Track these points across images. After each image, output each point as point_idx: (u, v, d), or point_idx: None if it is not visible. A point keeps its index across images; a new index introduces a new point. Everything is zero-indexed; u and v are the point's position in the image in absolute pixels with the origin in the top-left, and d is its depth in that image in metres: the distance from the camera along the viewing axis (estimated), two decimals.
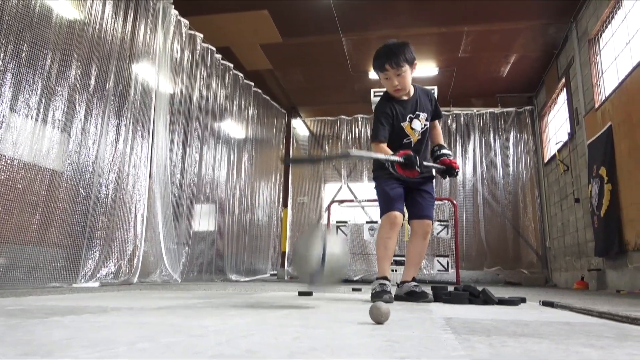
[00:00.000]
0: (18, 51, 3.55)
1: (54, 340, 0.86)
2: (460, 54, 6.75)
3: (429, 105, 2.51)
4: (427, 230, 2.50)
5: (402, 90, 2.38)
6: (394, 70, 2.31)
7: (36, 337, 0.91)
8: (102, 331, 1.01)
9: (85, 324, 1.14)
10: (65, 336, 0.92)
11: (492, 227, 7.47)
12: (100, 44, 4.31)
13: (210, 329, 1.06)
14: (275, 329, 1.08)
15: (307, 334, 1.00)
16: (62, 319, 1.27)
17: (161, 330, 1.04)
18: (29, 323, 1.15)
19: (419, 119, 2.44)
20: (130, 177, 4.58)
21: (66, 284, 3.70)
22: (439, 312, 1.65)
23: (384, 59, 2.33)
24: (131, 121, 4.63)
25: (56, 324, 1.15)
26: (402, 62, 2.31)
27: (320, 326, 1.17)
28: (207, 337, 0.92)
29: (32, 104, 3.63)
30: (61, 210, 3.94)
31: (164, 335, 0.94)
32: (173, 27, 5.31)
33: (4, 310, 1.49)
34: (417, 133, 2.44)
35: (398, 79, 2.33)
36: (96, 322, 1.18)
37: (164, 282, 4.65)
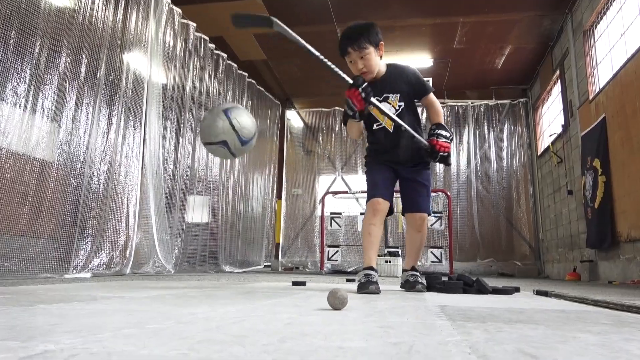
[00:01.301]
0: (6, 38, 3.47)
1: (37, 326, 0.83)
2: (455, 45, 6.72)
3: (403, 85, 2.33)
4: (420, 223, 2.40)
5: (369, 74, 2.25)
6: (357, 53, 2.20)
7: (19, 323, 0.88)
8: (89, 318, 0.98)
9: (71, 311, 1.11)
10: (49, 322, 0.89)
11: (485, 218, 7.49)
12: (90, 31, 4.23)
13: (199, 316, 1.03)
14: (267, 316, 1.06)
15: (298, 321, 0.97)
16: (49, 306, 1.24)
17: (149, 317, 1.01)
18: (14, 310, 1.12)
19: (389, 101, 2.30)
20: (122, 167, 4.53)
21: (57, 275, 3.66)
22: (433, 300, 1.64)
23: (346, 41, 2.23)
24: (123, 111, 4.56)
25: (42, 310, 1.12)
26: (364, 44, 2.18)
27: (312, 313, 1.14)
28: (196, 324, 0.90)
29: (21, 92, 3.57)
30: (52, 201, 3.89)
31: (152, 322, 0.92)
32: (165, 15, 5.23)
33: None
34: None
35: (362, 61, 2.21)
36: (83, 309, 1.16)
37: (157, 273, 4.62)
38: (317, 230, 7.50)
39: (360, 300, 1.58)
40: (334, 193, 6.56)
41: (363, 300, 1.58)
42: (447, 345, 0.67)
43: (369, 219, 2.28)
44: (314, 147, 8.47)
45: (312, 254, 7.53)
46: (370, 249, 2.26)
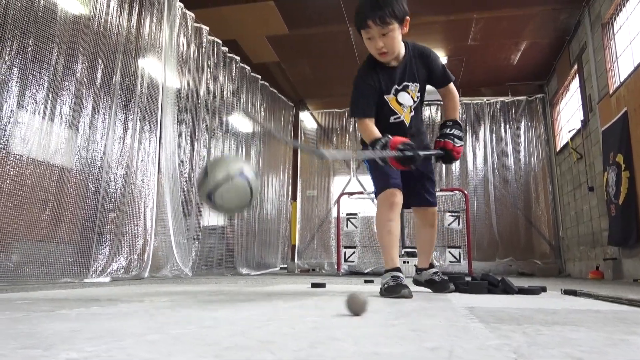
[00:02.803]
0: (24, 46, 3.51)
1: (57, 332, 0.81)
2: (469, 42, 6.63)
3: (424, 71, 2.02)
4: (432, 218, 2.19)
5: (389, 55, 1.91)
6: (378, 28, 1.83)
7: (39, 329, 0.86)
8: (109, 323, 0.96)
9: (92, 316, 1.09)
10: (69, 328, 0.87)
11: (503, 217, 7.37)
12: (106, 38, 4.26)
13: (222, 320, 1.01)
14: (291, 320, 1.03)
15: (325, 324, 0.94)
16: (69, 312, 1.22)
17: (171, 321, 0.99)
18: (34, 316, 1.11)
19: (408, 91, 1.98)
20: (138, 171, 4.55)
21: (77, 280, 3.69)
22: (458, 301, 1.59)
23: (367, 12, 1.84)
24: (138, 115, 4.59)
25: (62, 316, 1.10)
26: (388, 18, 1.81)
27: (336, 316, 1.11)
28: (219, 328, 0.87)
29: (40, 99, 3.60)
30: (71, 206, 3.93)
31: (174, 327, 0.89)
32: (179, 20, 5.26)
33: (11, 304, 1.46)
34: (407, 108, 2.00)
35: (383, 39, 1.85)
36: (103, 315, 1.14)
37: (174, 276, 4.63)
38: (333, 231, 7.46)
39: (384, 302, 1.55)
40: (350, 194, 6.51)
41: (387, 302, 1.54)
42: (489, 350, 0.63)
43: (386, 215, 1.96)
44: (328, 148, 8.43)
45: (328, 256, 7.49)
46: (392, 248, 1.97)
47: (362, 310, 1.11)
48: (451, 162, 2.01)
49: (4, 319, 1.03)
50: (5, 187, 3.39)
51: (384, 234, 1.98)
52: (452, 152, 1.96)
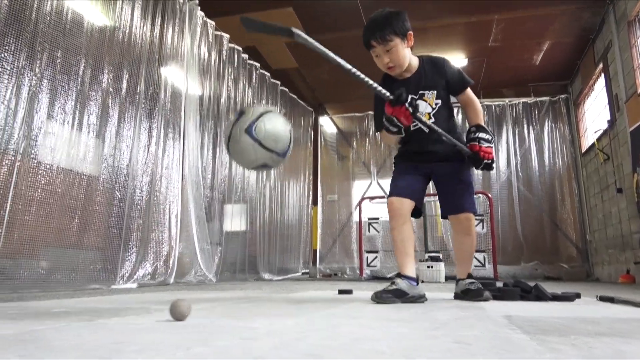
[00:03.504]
0: (53, 58, 3.61)
1: (103, 344, 0.83)
2: (490, 43, 6.55)
3: (440, 80, 2.08)
4: (466, 225, 2.10)
5: (397, 68, 2.03)
6: (382, 47, 1.98)
7: (85, 340, 0.88)
8: (151, 334, 0.97)
9: (131, 327, 1.11)
10: (114, 340, 0.88)
11: (528, 220, 7.23)
12: (130, 48, 4.35)
13: (260, 331, 1.01)
14: (329, 330, 1.02)
15: (364, 335, 0.93)
16: (107, 321, 1.24)
17: (211, 332, 0.99)
18: (76, 326, 1.13)
19: (425, 99, 2.06)
20: (163, 178, 4.62)
21: (105, 286, 3.75)
22: (492, 309, 1.56)
23: (369, 34, 2.00)
24: (162, 123, 4.66)
25: (102, 326, 1.12)
26: (388, 36, 1.95)
27: (373, 326, 1.10)
28: (260, 340, 0.87)
29: (68, 109, 3.69)
30: (99, 214, 4.00)
31: (216, 338, 0.90)
32: (200, 28, 5.33)
33: (50, 313, 1.49)
34: (425, 115, 2.05)
35: (389, 55, 1.99)
36: (142, 324, 1.15)
37: (199, 282, 4.67)
38: (354, 236, 7.44)
39: (418, 309, 1.53)
40: (371, 198, 6.49)
41: (420, 310, 1.53)
42: None
43: (391, 225, 2.06)
44: (348, 153, 8.43)
45: (350, 260, 7.47)
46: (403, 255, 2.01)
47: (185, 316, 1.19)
48: (480, 163, 1.98)
49: (49, 329, 1.05)
50: (36, 196, 3.49)
51: (395, 242, 2.07)
52: (478, 153, 1.97)
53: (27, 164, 3.43)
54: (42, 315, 1.40)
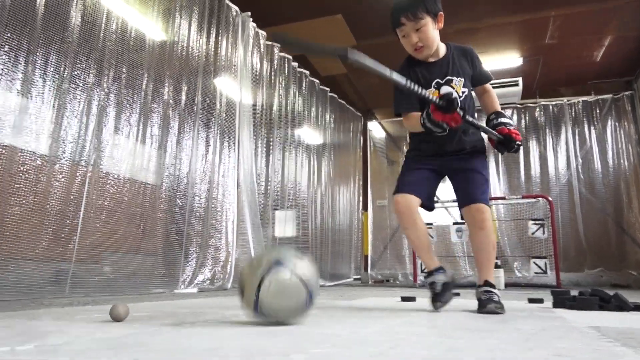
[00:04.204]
0: (119, 73, 3.81)
1: (206, 349, 0.86)
2: (546, 40, 6.31)
3: (468, 68, 2.01)
4: (480, 217, 1.90)
5: (426, 49, 1.93)
6: (412, 24, 1.88)
7: (184, 346, 0.92)
8: (244, 339, 1.00)
9: (220, 332, 1.14)
10: (211, 345, 0.92)
11: (591, 224, 6.86)
12: (188, 61, 4.52)
13: (347, 339, 1.02)
14: (415, 338, 1.02)
15: (455, 345, 0.92)
16: (193, 326, 1.29)
17: (301, 339, 1.01)
18: (165, 331, 1.18)
19: (452, 85, 1.95)
20: (220, 186, 4.76)
21: (168, 290, 3.90)
22: (574, 319, 1.50)
23: (400, 10, 1.90)
24: (218, 133, 4.81)
25: (192, 332, 1.17)
26: (420, 13, 1.87)
27: (454, 335, 1.09)
28: (352, 349, 0.88)
29: (133, 122, 3.89)
30: (161, 220, 4.18)
31: (310, 345, 0.91)
32: (252, 39, 5.46)
33: (132, 317, 1.56)
34: None
35: (418, 34, 1.89)
36: (229, 330, 1.19)
37: None
38: (406, 241, 7.33)
39: (493, 318, 1.49)
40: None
41: (495, 319, 1.49)
42: None
43: (403, 225, 1.99)
44: (397, 157, 8.34)
45: (402, 266, 7.37)
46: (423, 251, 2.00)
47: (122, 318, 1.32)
48: (512, 145, 1.86)
49: (142, 334, 1.10)
50: (105, 205, 3.69)
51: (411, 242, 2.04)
52: (510, 135, 1.85)
53: (97, 175, 3.64)
54: (129, 319, 1.47)
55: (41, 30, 3.22)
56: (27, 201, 3.12)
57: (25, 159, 3.13)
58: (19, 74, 3.07)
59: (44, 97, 3.25)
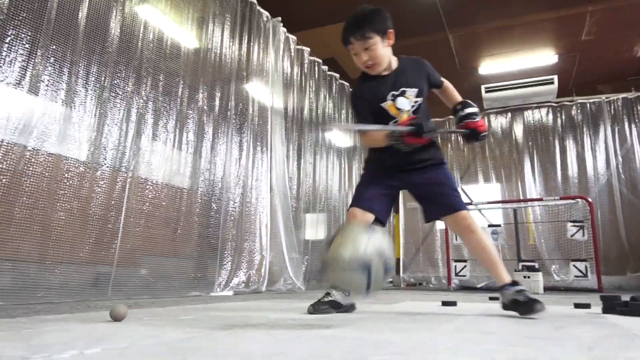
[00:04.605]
0: (156, 81, 3.91)
1: (269, 354, 0.87)
2: (583, 37, 6.13)
3: (420, 78, 2.10)
4: (466, 223, 1.98)
5: (376, 66, 2.01)
6: (361, 43, 1.95)
7: (247, 350, 0.93)
8: (303, 344, 1.01)
9: (273, 337, 1.15)
10: (273, 350, 0.93)
11: (633, 225, 6.60)
12: (221, 67, 4.60)
13: (401, 344, 1.01)
14: (475, 345, 1.00)
15: (519, 354, 0.90)
16: (244, 330, 1.31)
17: (356, 344, 1.01)
18: (221, 335, 1.20)
19: (406, 96, 2.03)
20: (253, 190, 4.81)
21: (204, 293, 3.96)
22: (630, 326, 1.44)
23: (349, 30, 1.97)
24: (251, 137, 4.87)
25: (247, 336, 1.18)
26: (368, 33, 1.93)
27: (515, 342, 1.06)
28: (413, 355, 0.88)
29: (170, 128, 3.98)
30: (197, 224, 4.26)
31: (367, 351, 0.91)
32: (282, 44, 5.51)
33: (181, 320, 1.59)
34: (406, 113, 2.01)
35: (367, 53, 1.96)
36: (281, 334, 1.20)
37: (288, 290, 4.79)
38: (439, 244, 7.24)
39: (545, 324, 1.45)
40: None
41: (547, 325, 1.44)
42: None
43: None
44: None
45: (435, 270, 7.27)
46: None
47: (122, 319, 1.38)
48: (479, 137, 2.02)
49: (198, 337, 1.12)
50: (144, 209, 3.78)
51: None
52: (476, 128, 1.99)
53: (136, 180, 3.74)
54: (179, 322, 1.51)
55: (83, 42, 3.33)
56: (71, 206, 3.24)
57: (70, 166, 3.24)
58: (63, 84, 3.18)
59: (86, 106, 3.36)
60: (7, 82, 2.86)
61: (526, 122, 7.24)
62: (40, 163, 3.02)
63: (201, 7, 4.50)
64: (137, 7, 3.79)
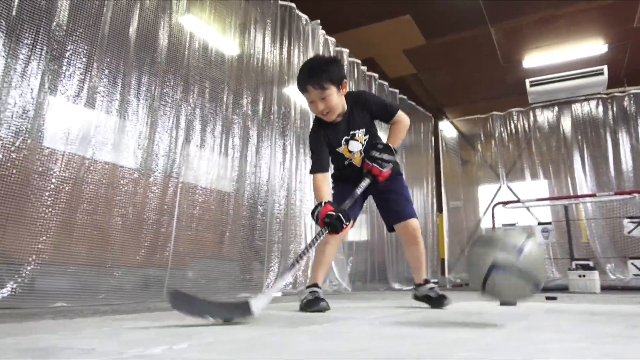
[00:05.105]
0: (202, 88, 4.02)
1: (351, 350, 0.88)
2: (635, 24, 5.85)
3: (367, 117, 2.22)
4: (413, 233, 2.26)
5: (331, 114, 2.10)
6: (317, 92, 2.03)
7: (321, 347, 0.94)
8: (379, 342, 1.01)
9: (345, 334, 1.16)
10: (351, 347, 0.94)
11: None
12: (263, 72, 4.68)
13: (479, 342, 1.00)
14: (560, 344, 0.98)
15: (612, 351, 0.88)
16: (309, 327, 1.32)
17: (433, 342, 1.01)
18: (290, 332, 1.22)
19: (356, 138, 2.20)
20: (297, 192, 4.86)
21: (253, 294, 4.02)
22: None
23: (306, 78, 2.05)
24: (294, 140, 4.92)
25: (317, 333, 1.19)
26: (326, 83, 2.01)
27: (600, 341, 1.03)
28: (496, 352, 0.87)
29: (217, 133, 4.08)
30: (244, 227, 4.34)
31: (448, 349, 0.91)
32: (322, 46, 5.54)
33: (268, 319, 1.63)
34: (357, 153, 2.22)
35: (324, 102, 2.04)
36: (349, 332, 1.21)
37: (334, 291, 4.81)
38: None
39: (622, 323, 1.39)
40: (504, 203, 6.13)
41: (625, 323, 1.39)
42: None
43: (327, 240, 2.19)
44: (470, 157, 8.09)
45: None
46: (320, 267, 2.31)
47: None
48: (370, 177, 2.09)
49: (268, 335, 1.15)
50: (195, 213, 3.89)
51: (317, 253, 2.30)
52: (376, 178, 2.07)
53: (186, 185, 3.86)
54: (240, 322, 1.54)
55: (134, 54, 3.47)
56: (127, 212, 3.37)
57: (125, 173, 3.38)
58: (116, 95, 3.33)
59: (138, 115, 3.50)
60: (67, 95, 3.01)
61: (574, 115, 6.97)
62: (97, 171, 3.16)
63: (242, 14, 4.60)
64: (183, 17, 3.92)
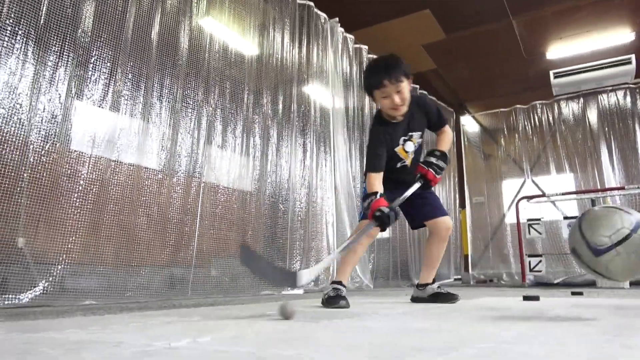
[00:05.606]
0: (223, 89, 4.08)
1: (378, 344, 0.89)
2: None
3: (424, 121, 2.36)
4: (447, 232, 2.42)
5: (403, 108, 2.20)
6: (394, 86, 2.13)
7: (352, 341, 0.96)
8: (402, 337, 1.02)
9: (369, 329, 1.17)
10: (379, 341, 0.95)
11: None
12: (283, 71, 4.71)
13: (502, 335, 1.00)
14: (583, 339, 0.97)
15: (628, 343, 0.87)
16: (341, 321, 1.34)
17: (457, 335, 1.01)
18: (314, 327, 1.24)
19: (412, 140, 2.32)
20: (318, 190, 4.88)
21: (276, 292, 4.07)
22: None
23: (383, 74, 2.14)
24: (314, 138, 4.94)
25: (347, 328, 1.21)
26: (400, 77, 2.13)
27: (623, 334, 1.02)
28: (519, 345, 0.86)
29: (237, 133, 4.13)
30: (266, 225, 4.38)
31: (472, 341, 0.91)
32: (341, 44, 5.55)
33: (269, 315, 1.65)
34: (411, 154, 2.34)
35: (398, 95, 2.14)
36: (372, 327, 1.21)
37: (356, 288, 4.81)
38: (509, 239, 6.96)
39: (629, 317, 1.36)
40: (529, 198, 6.02)
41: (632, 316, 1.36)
42: None
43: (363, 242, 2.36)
44: (493, 151, 7.96)
45: (506, 265, 6.99)
46: (349, 266, 2.43)
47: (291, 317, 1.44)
48: (423, 182, 2.21)
49: (294, 329, 1.17)
50: (217, 212, 3.95)
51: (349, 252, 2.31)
52: (430, 182, 2.22)
53: (209, 185, 3.92)
54: (267, 317, 1.57)
55: (156, 57, 3.54)
56: (152, 211, 3.45)
57: (149, 174, 3.46)
58: (140, 98, 3.40)
59: (161, 118, 3.57)
60: (92, 100, 3.09)
61: (601, 106, 6.79)
62: (123, 173, 3.24)
63: (261, 14, 4.63)
64: (203, 20, 3.97)
